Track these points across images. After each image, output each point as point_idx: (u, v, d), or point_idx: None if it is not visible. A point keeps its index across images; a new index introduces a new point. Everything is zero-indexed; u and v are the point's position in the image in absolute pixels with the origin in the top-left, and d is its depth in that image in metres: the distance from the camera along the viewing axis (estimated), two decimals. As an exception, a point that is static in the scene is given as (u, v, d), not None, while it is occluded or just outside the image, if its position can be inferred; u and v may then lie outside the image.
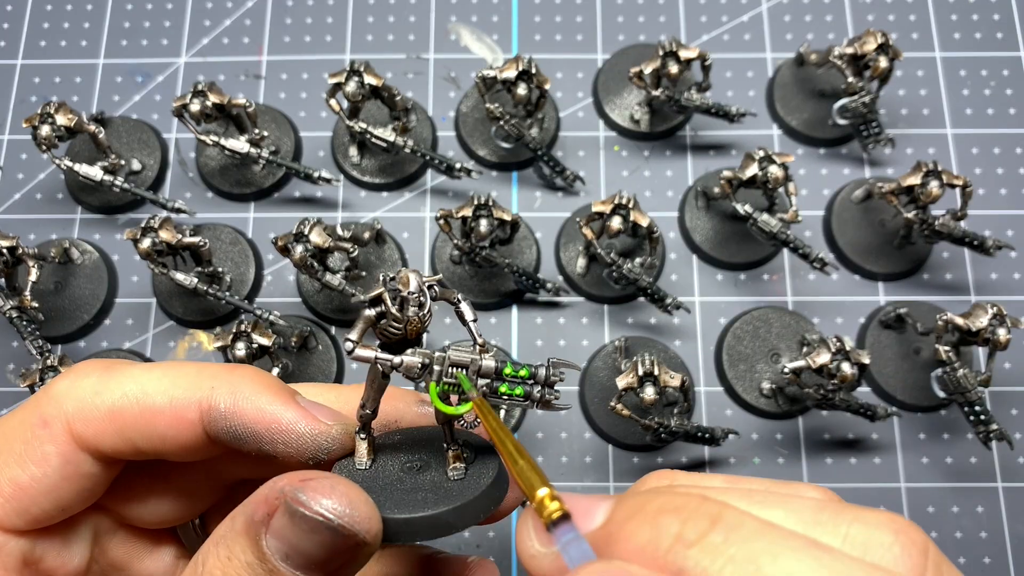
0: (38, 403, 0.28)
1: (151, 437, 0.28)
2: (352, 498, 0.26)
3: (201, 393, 0.28)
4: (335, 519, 0.25)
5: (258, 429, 0.28)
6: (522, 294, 0.60)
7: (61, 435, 0.28)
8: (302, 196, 0.63)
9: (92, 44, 0.67)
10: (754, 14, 0.67)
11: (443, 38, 0.67)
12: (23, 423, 0.28)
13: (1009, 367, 0.58)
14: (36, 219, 0.63)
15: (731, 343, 0.58)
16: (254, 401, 0.28)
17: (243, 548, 0.26)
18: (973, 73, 0.65)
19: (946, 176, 0.54)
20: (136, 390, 0.28)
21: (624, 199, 0.53)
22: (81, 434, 0.28)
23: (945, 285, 0.60)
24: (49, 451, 0.28)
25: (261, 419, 0.28)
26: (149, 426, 0.28)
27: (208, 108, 0.57)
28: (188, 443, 0.28)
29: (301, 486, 0.25)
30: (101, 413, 0.28)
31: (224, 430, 0.28)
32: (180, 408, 0.28)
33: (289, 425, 0.28)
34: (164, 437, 0.28)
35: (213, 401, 0.28)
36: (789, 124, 0.63)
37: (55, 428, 0.28)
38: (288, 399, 0.29)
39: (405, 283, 0.27)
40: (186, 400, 0.28)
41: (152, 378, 0.29)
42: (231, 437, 0.28)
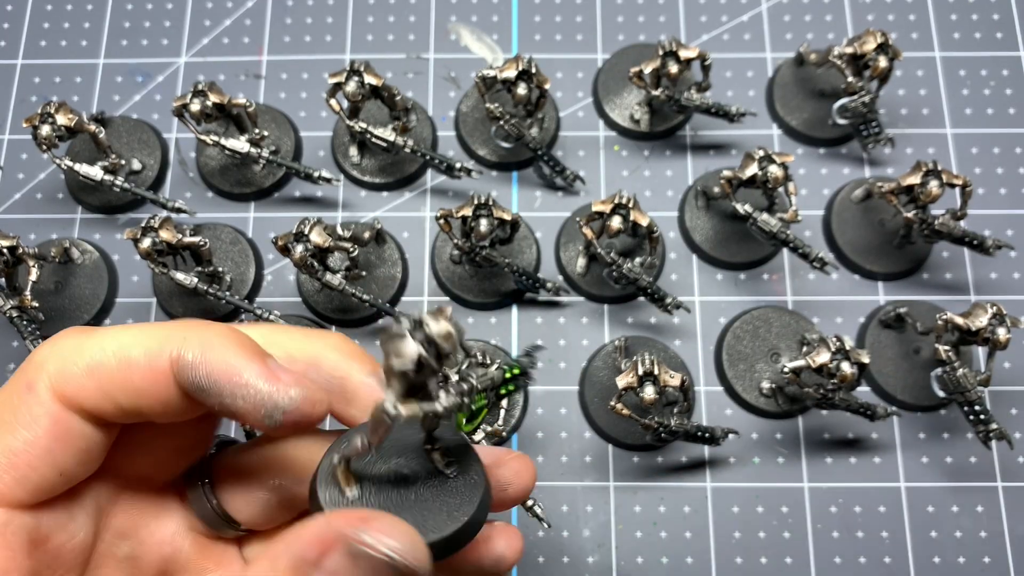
0: (23, 371, 0.29)
1: (129, 392, 0.28)
2: (412, 536, 0.26)
3: (173, 344, 0.29)
4: (399, 558, 0.25)
5: (220, 381, 0.28)
6: (522, 294, 0.60)
7: (46, 396, 0.28)
8: (302, 196, 0.63)
9: (92, 44, 0.67)
10: (754, 14, 0.67)
11: (443, 38, 0.67)
12: (9, 392, 0.29)
13: (1009, 367, 0.58)
14: (36, 219, 0.63)
15: (731, 343, 0.58)
16: (221, 353, 0.29)
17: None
18: (973, 73, 0.65)
19: (946, 176, 0.54)
20: (114, 345, 0.29)
21: (624, 199, 0.53)
22: (64, 392, 0.28)
23: (945, 285, 0.60)
24: (37, 412, 0.28)
25: (224, 371, 0.28)
26: (127, 380, 0.28)
27: (208, 108, 0.57)
28: (164, 397, 0.29)
29: (364, 526, 0.25)
30: (81, 370, 0.28)
31: (190, 380, 0.28)
32: (153, 359, 0.28)
33: (249, 380, 0.28)
34: (141, 391, 0.28)
35: (183, 351, 0.28)
36: (789, 124, 0.63)
37: (39, 389, 0.28)
38: (255, 357, 0.29)
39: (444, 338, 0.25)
40: (159, 351, 0.28)
41: (129, 333, 0.29)
42: (196, 388, 0.28)
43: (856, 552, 0.55)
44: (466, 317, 0.60)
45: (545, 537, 0.55)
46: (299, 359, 0.32)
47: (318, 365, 0.32)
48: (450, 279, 0.60)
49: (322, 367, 0.32)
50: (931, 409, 0.57)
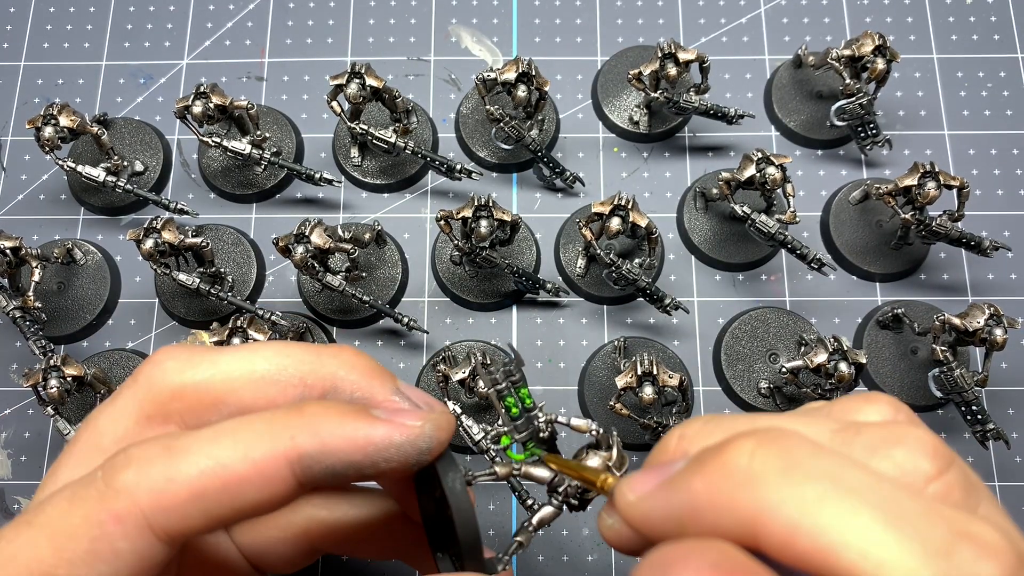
0: (103, 497, 0.26)
1: (240, 507, 0.26)
2: None
3: (282, 444, 0.27)
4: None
5: (355, 458, 0.27)
6: (522, 294, 0.60)
7: (136, 531, 0.26)
8: (304, 197, 0.64)
9: (95, 46, 0.68)
10: (752, 16, 0.67)
11: (443, 40, 0.67)
12: (88, 520, 0.25)
13: (1006, 367, 0.59)
14: (39, 220, 0.63)
15: (729, 343, 0.58)
16: (340, 433, 0.27)
17: None
18: (970, 75, 0.65)
19: (943, 177, 0.54)
20: (212, 464, 0.26)
21: (623, 200, 0.54)
22: (163, 526, 0.26)
23: (942, 285, 0.61)
24: (122, 548, 0.25)
25: (355, 447, 0.27)
26: (235, 497, 0.26)
27: (210, 109, 0.57)
28: (280, 497, 0.27)
29: None
30: (182, 500, 0.26)
31: (320, 472, 0.27)
32: (267, 469, 0.26)
33: (383, 441, 0.28)
34: (254, 502, 0.27)
35: (301, 449, 0.27)
36: (787, 126, 0.64)
37: (129, 525, 0.25)
38: (368, 416, 0.28)
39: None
40: (270, 459, 0.26)
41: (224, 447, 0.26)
42: (330, 475, 0.27)
43: (854, 551, 0.55)
44: (466, 318, 0.60)
45: (545, 536, 0.55)
46: (315, 386, 0.31)
47: (337, 389, 0.31)
48: (450, 280, 0.60)
49: (341, 390, 0.31)
50: (928, 409, 0.58)
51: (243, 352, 0.31)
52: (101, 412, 0.30)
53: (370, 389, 0.31)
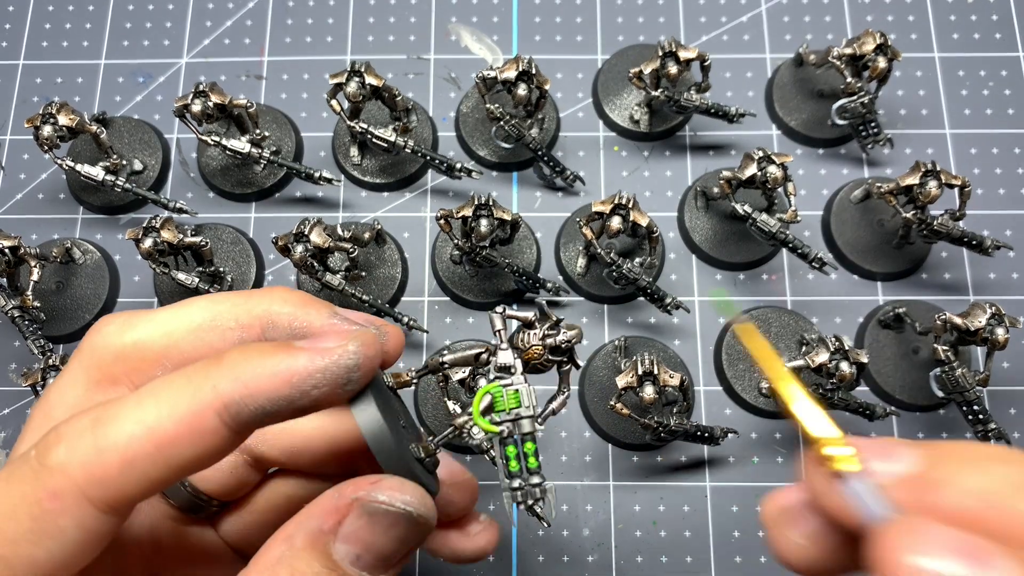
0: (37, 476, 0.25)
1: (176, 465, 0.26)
2: (420, 491, 0.29)
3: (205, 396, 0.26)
4: (413, 511, 0.28)
5: (284, 391, 0.27)
6: (522, 294, 0.60)
7: (75, 506, 0.25)
8: (303, 196, 0.63)
9: (94, 45, 0.67)
10: (753, 15, 0.67)
11: (443, 39, 0.67)
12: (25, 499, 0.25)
13: (1007, 366, 0.58)
14: (38, 219, 0.63)
15: (730, 342, 0.58)
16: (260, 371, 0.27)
17: (308, 562, 0.27)
18: (971, 73, 0.65)
19: (944, 176, 0.54)
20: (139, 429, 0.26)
21: (624, 199, 0.54)
22: (100, 498, 0.25)
23: (943, 285, 0.60)
24: (64, 524, 0.25)
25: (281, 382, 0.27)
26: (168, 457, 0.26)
27: (209, 108, 0.57)
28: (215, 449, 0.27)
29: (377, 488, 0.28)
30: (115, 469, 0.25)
31: (251, 415, 0.26)
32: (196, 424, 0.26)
33: (307, 368, 0.27)
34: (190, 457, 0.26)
35: (224, 396, 0.26)
36: (788, 124, 0.64)
37: (68, 501, 0.25)
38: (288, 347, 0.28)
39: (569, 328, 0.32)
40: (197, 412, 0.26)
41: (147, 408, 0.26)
42: (262, 415, 0.27)
43: (855, 551, 0.55)
44: (466, 317, 0.60)
45: (545, 536, 0.55)
46: (252, 325, 0.31)
47: (274, 324, 0.31)
48: (450, 279, 0.60)
49: (279, 324, 0.31)
50: (930, 409, 0.58)
51: (178, 306, 0.31)
52: (52, 385, 0.31)
53: (307, 317, 0.31)
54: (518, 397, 0.32)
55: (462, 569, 0.54)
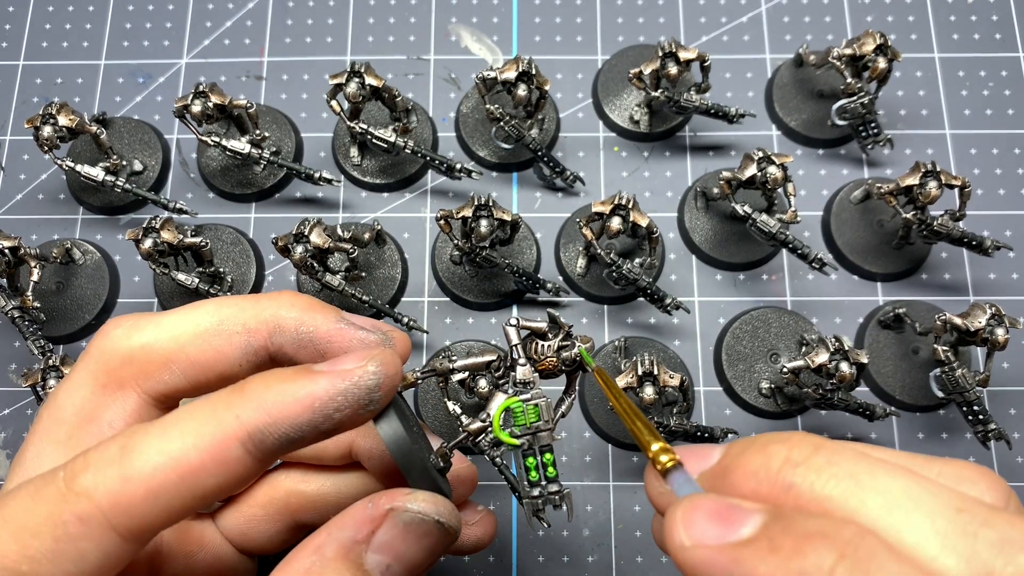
0: (65, 499, 0.26)
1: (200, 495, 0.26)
2: (448, 503, 0.30)
3: (229, 426, 0.26)
4: (445, 521, 0.29)
5: (306, 418, 0.27)
6: (522, 294, 0.60)
7: (99, 532, 0.25)
8: (303, 196, 0.63)
9: (94, 45, 0.67)
10: (753, 15, 0.67)
11: (443, 39, 0.67)
12: (51, 519, 0.25)
13: (1007, 367, 0.58)
14: (38, 219, 0.63)
15: (730, 343, 0.58)
16: (282, 398, 0.27)
17: (339, 572, 0.27)
18: (971, 74, 0.65)
19: (944, 176, 0.54)
20: (164, 460, 0.26)
21: (624, 199, 0.54)
22: (122, 525, 0.26)
23: (943, 285, 0.60)
24: (86, 548, 0.25)
25: (302, 407, 0.27)
26: (195, 487, 0.26)
27: (209, 109, 0.57)
28: (239, 478, 0.27)
29: (412, 498, 0.29)
30: (139, 498, 0.26)
31: (275, 443, 0.27)
32: (221, 455, 0.26)
33: (328, 392, 0.27)
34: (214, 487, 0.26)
35: (248, 426, 0.26)
36: (788, 125, 0.64)
37: (92, 526, 0.25)
38: (308, 372, 0.28)
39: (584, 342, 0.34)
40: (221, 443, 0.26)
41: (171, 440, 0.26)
42: (287, 443, 0.27)
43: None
44: (466, 318, 0.60)
45: (545, 536, 0.55)
46: (258, 330, 0.31)
47: (281, 328, 0.31)
48: (450, 280, 0.60)
49: (286, 329, 0.31)
50: (930, 409, 0.58)
51: (185, 310, 0.31)
52: (59, 388, 0.31)
53: (313, 322, 0.31)
54: (538, 411, 0.33)
55: (463, 570, 0.54)
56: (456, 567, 0.55)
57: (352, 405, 0.27)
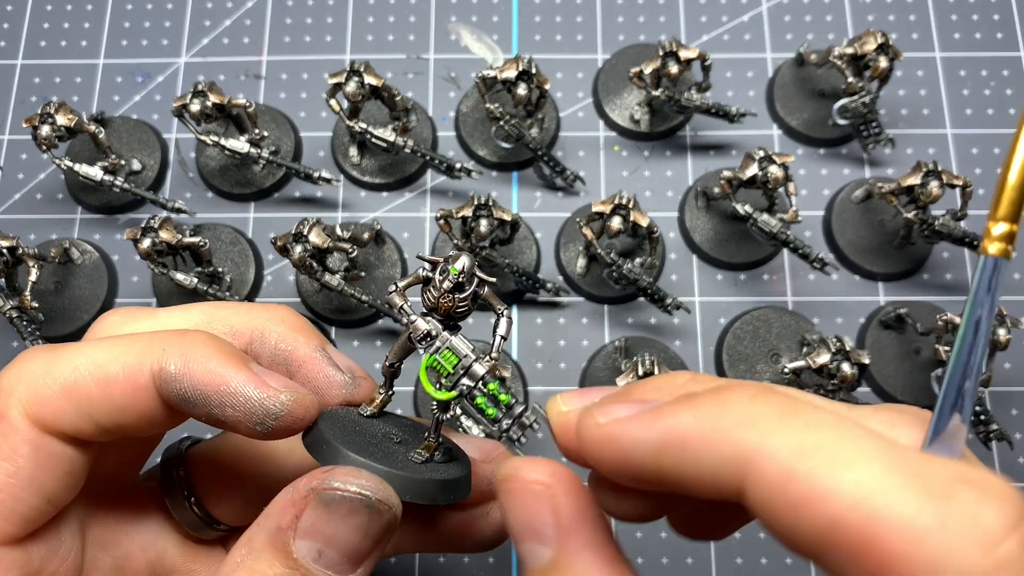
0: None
1: (110, 409, 0.28)
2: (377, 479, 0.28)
3: (153, 357, 0.28)
4: (372, 495, 0.27)
5: (207, 391, 0.28)
6: (522, 294, 0.60)
7: (22, 423, 0.27)
8: (302, 196, 0.63)
9: (92, 44, 0.67)
10: (754, 14, 0.67)
11: (443, 38, 0.67)
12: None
13: (1009, 367, 0.58)
14: (36, 219, 0.63)
15: (731, 343, 0.58)
16: (204, 363, 0.28)
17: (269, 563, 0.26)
18: (973, 73, 0.65)
19: (946, 176, 0.54)
20: (87, 362, 0.28)
21: (624, 199, 0.53)
22: (42, 417, 0.27)
23: (945, 285, 0.60)
24: (15, 441, 0.27)
25: (210, 381, 0.28)
26: (106, 397, 0.27)
27: (208, 108, 0.57)
28: (147, 412, 0.28)
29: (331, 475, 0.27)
30: (55, 392, 0.27)
31: (175, 392, 0.28)
32: (133, 374, 0.27)
33: (238, 388, 0.28)
34: (122, 407, 0.28)
35: (164, 363, 0.28)
36: (789, 124, 0.63)
37: (13, 418, 0.27)
38: (240, 363, 0.28)
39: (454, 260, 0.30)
40: (138, 365, 0.28)
41: (102, 349, 0.28)
42: (181, 399, 0.28)
43: (856, 553, 0.55)
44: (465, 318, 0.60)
45: (545, 538, 0.55)
46: (244, 332, 0.32)
47: (263, 339, 0.32)
48: (450, 279, 0.60)
49: (267, 340, 0.32)
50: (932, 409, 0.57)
51: (180, 308, 0.32)
52: None
53: (294, 342, 0.32)
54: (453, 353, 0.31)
55: (463, 570, 0.54)
56: (456, 567, 0.54)
57: (244, 414, 0.28)
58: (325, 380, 0.32)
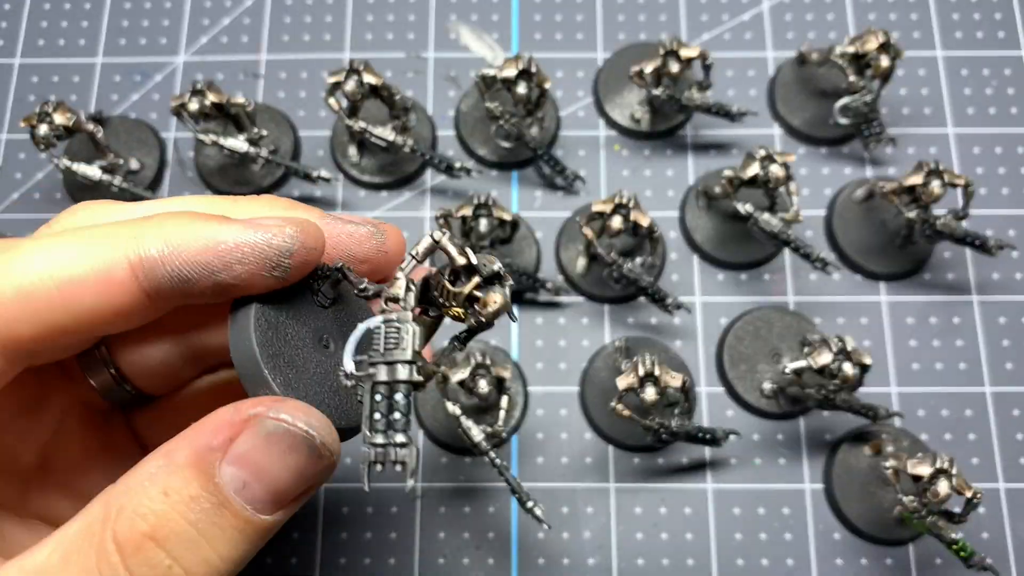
0: None
1: (77, 314, 0.24)
2: (325, 419, 0.25)
3: (125, 247, 0.25)
4: (317, 437, 0.25)
5: (206, 258, 0.25)
6: (522, 294, 0.60)
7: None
8: (301, 195, 0.63)
9: (90, 43, 0.67)
10: (755, 13, 0.67)
11: (443, 37, 0.67)
12: None
13: (1011, 367, 0.58)
14: (34, 219, 0.63)
15: (732, 343, 0.58)
16: (186, 233, 0.25)
17: (185, 481, 0.24)
18: (975, 72, 0.65)
19: (948, 176, 0.53)
20: (47, 266, 0.24)
21: (624, 199, 0.53)
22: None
23: (947, 285, 0.60)
24: None
25: (204, 247, 0.25)
26: (72, 302, 0.24)
27: (207, 107, 0.56)
28: (123, 308, 0.25)
29: (280, 405, 0.25)
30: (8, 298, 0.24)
31: (167, 276, 0.25)
32: (105, 272, 0.24)
33: (238, 240, 0.25)
34: (93, 309, 0.25)
35: (143, 251, 0.25)
36: (790, 123, 0.63)
37: None
38: (222, 219, 0.26)
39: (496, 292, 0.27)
40: (110, 261, 0.24)
41: (63, 247, 0.24)
42: (178, 280, 0.25)
43: (857, 554, 0.54)
44: (466, 317, 0.60)
45: (545, 539, 0.55)
46: None
47: None
48: (450, 279, 0.59)
49: None
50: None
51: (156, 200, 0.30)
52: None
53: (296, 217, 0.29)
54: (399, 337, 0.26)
55: (463, 570, 0.54)
56: (456, 569, 0.54)
57: (258, 261, 0.25)
58: (349, 238, 0.30)
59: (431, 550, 0.55)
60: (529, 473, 0.56)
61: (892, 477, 0.50)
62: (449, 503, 0.55)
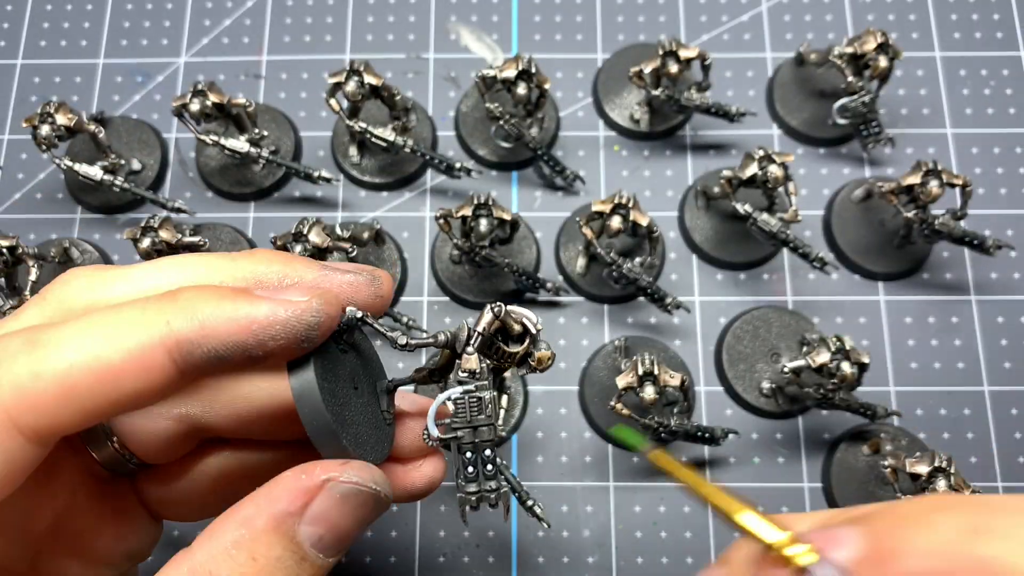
0: None
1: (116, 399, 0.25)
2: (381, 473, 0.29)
3: (158, 331, 0.25)
4: (380, 490, 0.28)
5: (240, 338, 0.26)
6: (522, 294, 0.60)
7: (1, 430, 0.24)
8: (302, 196, 0.63)
9: (92, 44, 0.67)
10: (754, 14, 0.67)
11: (443, 38, 0.67)
12: None
13: (1008, 367, 0.58)
14: (36, 219, 0.63)
15: (731, 343, 0.58)
16: (220, 314, 0.26)
17: (269, 546, 0.26)
18: (973, 73, 0.65)
19: (946, 176, 0.54)
20: (82, 358, 0.24)
21: (624, 199, 0.53)
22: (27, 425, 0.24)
23: (945, 284, 0.60)
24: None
25: (237, 327, 0.26)
26: (112, 388, 0.25)
27: (208, 108, 0.57)
28: (159, 387, 0.26)
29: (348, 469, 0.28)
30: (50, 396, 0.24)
31: (203, 357, 0.26)
32: (140, 356, 0.25)
33: (269, 318, 0.26)
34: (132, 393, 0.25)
35: (178, 334, 0.25)
36: (789, 124, 0.63)
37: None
38: (250, 294, 0.27)
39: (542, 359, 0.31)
40: (145, 345, 0.25)
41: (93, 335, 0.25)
42: (214, 359, 0.26)
43: (856, 552, 0.54)
44: (466, 317, 0.60)
45: (545, 537, 0.55)
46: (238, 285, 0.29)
47: (261, 285, 0.29)
48: (450, 279, 0.60)
49: (268, 285, 0.30)
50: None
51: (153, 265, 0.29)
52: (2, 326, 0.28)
53: (296, 273, 0.30)
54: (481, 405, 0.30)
55: (462, 570, 0.54)
56: (456, 567, 0.54)
57: (289, 337, 0.27)
58: (350, 287, 0.30)
59: (431, 549, 0.55)
60: (529, 472, 0.56)
61: (890, 476, 0.50)
62: (449, 502, 0.56)
